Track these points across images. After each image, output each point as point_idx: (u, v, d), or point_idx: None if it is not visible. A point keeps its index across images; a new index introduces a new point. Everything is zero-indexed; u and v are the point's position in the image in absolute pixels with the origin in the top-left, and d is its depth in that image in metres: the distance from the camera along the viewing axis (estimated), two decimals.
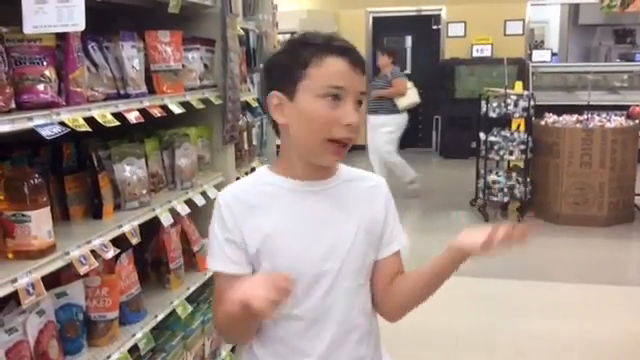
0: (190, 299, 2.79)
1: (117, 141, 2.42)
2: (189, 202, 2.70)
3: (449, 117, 9.87)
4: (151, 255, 2.73)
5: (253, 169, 3.67)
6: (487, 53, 9.91)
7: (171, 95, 2.57)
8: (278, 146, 1.52)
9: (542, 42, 11.44)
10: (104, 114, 2.07)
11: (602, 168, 5.98)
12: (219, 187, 3.00)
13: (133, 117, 2.22)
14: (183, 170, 2.73)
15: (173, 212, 2.55)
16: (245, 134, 3.40)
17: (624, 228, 5.95)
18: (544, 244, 5.53)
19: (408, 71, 10.98)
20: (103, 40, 2.30)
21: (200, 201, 2.79)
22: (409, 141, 10.29)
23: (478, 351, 3.51)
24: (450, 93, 10.20)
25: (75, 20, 1.72)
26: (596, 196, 6.01)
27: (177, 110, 2.53)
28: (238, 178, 3.27)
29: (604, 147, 5.97)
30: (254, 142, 3.58)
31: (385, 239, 1.48)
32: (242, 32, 3.27)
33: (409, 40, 11.04)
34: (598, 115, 6.35)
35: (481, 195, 6.32)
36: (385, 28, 10.95)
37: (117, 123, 2.08)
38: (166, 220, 2.45)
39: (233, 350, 3.22)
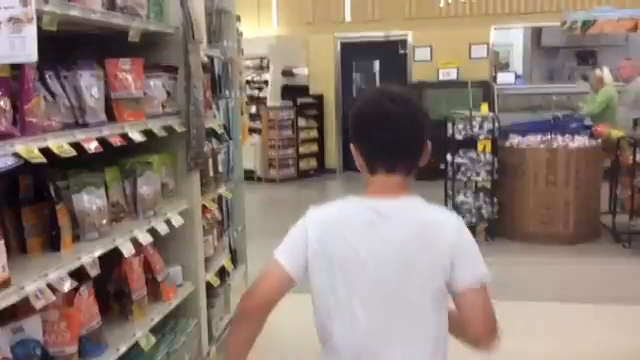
0: (154, 330, 2.74)
1: (76, 170, 2.38)
2: (152, 231, 2.67)
3: None
4: (113, 286, 2.68)
5: (220, 196, 3.66)
6: (453, 76, 10.06)
7: (132, 123, 2.54)
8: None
9: (507, 64, 11.66)
10: (61, 144, 2.04)
11: (567, 187, 6.09)
12: (183, 215, 2.98)
13: (92, 146, 2.19)
14: (145, 199, 2.70)
15: (135, 242, 2.51)
16: (210, 160, 3.38)
17: (590, 245, 6.04)
18: (511, 263, 5.58)
19: None
20: (61, 69, 2.28)
21: (163, 229, 2.76)
22: None
23: None
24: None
25: (27, 51, 1.70)
26: (562, 215, 6.10)
27: (138, 138, 2.51)
28: (204, 205, 3.25)
29: (568, 167, 6.08)
30: (220, 168, 3.56)
31: None
32: (206, 59, 3.27)
33: (377, 64, 11.16)
34: (562, 135, 6.47)
35: None
36: (353, 53, 11.07)
37: (74, 153, 2.05)
38: (127, 250, 2.42)
39: None
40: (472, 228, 6.33)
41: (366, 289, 1.53)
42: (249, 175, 10.16)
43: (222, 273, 3.64)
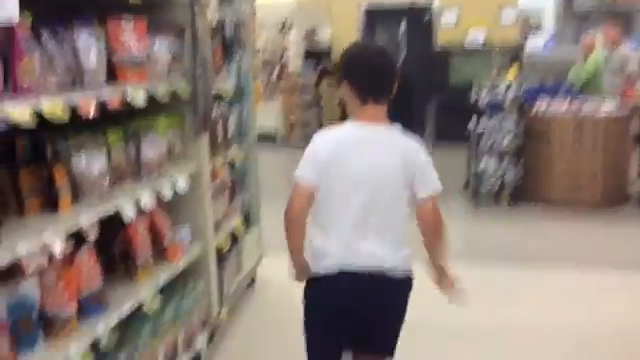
0: (161, 291, 2.75)
1: (76, 132, 2.36)
2: (156, 194, 2.65)
3: (443, 105, 9.75)
4: (118, 248, 2.68)
5: (232, 160, 3.63)
6: (480, 42, 9.80)
7: (134, 85, 2.50)
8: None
9: (537, 29, 11.31)
10: (55, 107, 2.01)
11: (594, 154, 5.92)
12: (190, 178, 2.95)
13: (90, 109, 2.16)
14: (149, 161, 2.67)
15: (137, 205, 2.49)
16: (220, 124, 3.34)
17: (617, 213, 5.88)
18: (534, 229, 5.48)
19: (401, 59, 10.87)
20: (58, 28, 2.24)
21: (168, 192, 2.74)
22: (404, 127, 10.20)
23: (458, 341, 3.45)
24: (443, 81, 10.11)
25: (8, 12, 1.66)
26: (588, 181, 5.95)
27: (140, 101, 2.47)
28: (212, 169, 3.23)
29: (596, 133, 5.91)
30: (231, 132, 3.51)
31: None
32: (216, 20, 3.20)
33: (401, 30, 10.91)
34: (589, 102, 6.26)
35: (473, 182, 6.26)
36: (377, 18, 10.83)
37: (66, 117, 2.02)
38: (129, 213, 2.40)
39: (211, 339, 3.19)
40: (496, 194, 6.22)
41: (358, 191, 2.07)
42: (271, 138, 10.18)
43: (234, 237, 3.63)
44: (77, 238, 2.20)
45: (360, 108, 2.13)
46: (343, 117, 2.28)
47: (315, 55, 10.43)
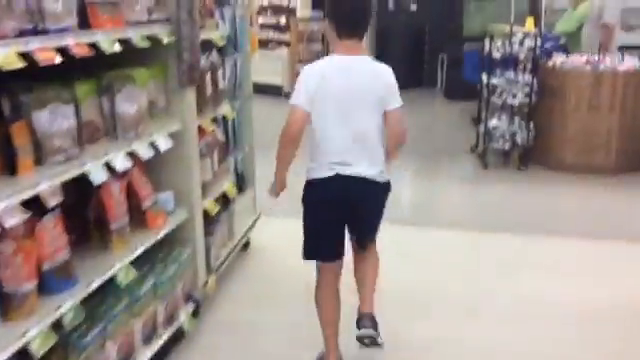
0: (140, 260, 2.52)
1: (41, 84, 2.09)
2: (132, 154, 2.39)
3: (456, 56, 9.34)
4: (93, 213, 2.44)
5: (223, 117, 3.36)
6: None
7: (105, 31, 2.21)
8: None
9: None
10: (8, 55, 1.73)
11: (611, 113, 5.59)
12: (173, 137, 2.69)
13: (48, 57, 1.88)
14: (125, 117, 2.41)
15: (109, 167, 2.24)
16: (209, 76, 3.05)
17: (633, 177, 5.59)
18: (545, 194, 5.21)
19: (414, 8, 10.42)
20: None
21: (146, 153, 2.48)
22: (413, 80, 9.86)
23: (459, 314, 3.23)
24: (457, 30, 9.68)
25: None
26: (603, 143, 5.64)
27: (110, 49, 2.18)
28: (200, 126, 2.96)
29: (614, 91, 5.55)
30: (221, 85, 3.23)
31: None
32: None
33: None
34: (609, 56, 5.88)
35: (482, 141, 5.96)
36: None
37: (19, 65, 1.74)
38: (98, 177, 2.15)
39: (195, 314, 2.97)
40: (505, 154, 5.95)
41: (342, 110, 2.46)
42: (276, 91, 9.82)
43: (225, 200, 3.38)
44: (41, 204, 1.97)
45: (339, 42, 2.50)
46: None
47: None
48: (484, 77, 5.88)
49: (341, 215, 2.57)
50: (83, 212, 2.45)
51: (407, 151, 3.13)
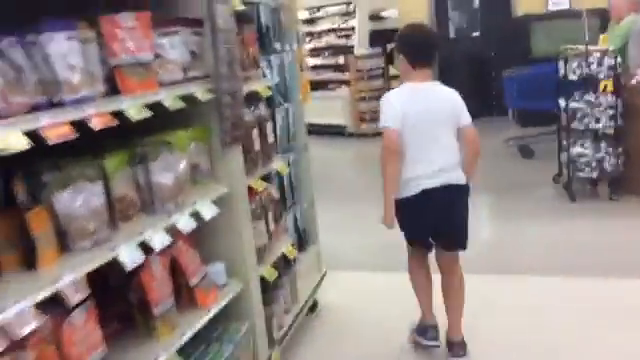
0: (192, 343, 2.25)
1: (63, 161, 1.87)
2: (171, 229, 2.14)
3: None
4: (134, 296, 2.19)
5: (278, 171, 3.09)
6: (565, 5, 8.82)
7: (134, 96, 1.99)
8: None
9: None
10: (8, 136, 1.51)
11: None
12: (220, 202, 2.43)
13: (62, 133, 1.66)
14: (163, 188, 2.16)
15: (145, 246, 1.99)
16: (256, 131, 2.80)
17: None
18: (637, 229, 4.63)
19: (476, 34, 10.04)
20: (25, 34, 1.75)
21: (188, 225, 2.22)
22: (482, 109, 9.40)
23: None
24: (525, 53, 9.18)
25: None
26: None
27: (138, 115, 1.95)
28: (249, 186, 2.69)
29: None
30: (270, 139, 2.96)
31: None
32: (241, 6, 2.65)
33: (476, 0, 10.06)
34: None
35: (565, 170, 5.45)
36: None
37: (26, 146, 1.52)
38: (129, 259, 1.90)
39: None
40: (593, 183, 5.41)
41: (426, 129, 2.73)
42: (339, 131, 9.59)
43: (285, 262, 3.09)
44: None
45: (413, 72, 2.80)
46: None
47: (383, 35, 9.75)
48: (561, 102, 5.40)
49: (435, 228, 2.87)
50: (123, 295, 2.21)
51: (482, 188, 2.88)
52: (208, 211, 2.33)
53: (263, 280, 2.78)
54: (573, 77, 5.21)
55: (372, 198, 2.40)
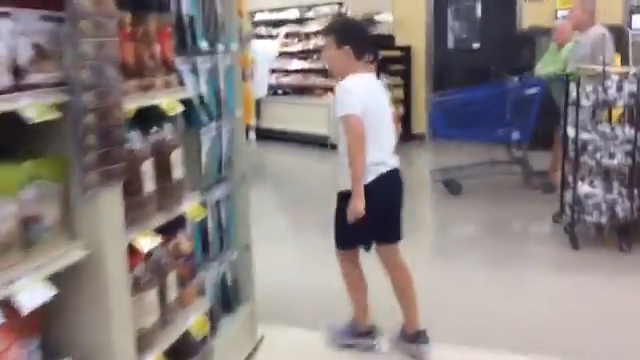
0: None
1: None
2: None
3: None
4: None
5: (190, 214, 2.28)
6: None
7: None
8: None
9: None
10: None
11: None
12: (73, 272, 1.61)
13: None
14: None
15: None
16: (150, 164, 1.97)
17: None
18: None
19: (478, 45, 9.26)
20: None
21: None
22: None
23: None
24: (528, 68, 8.39)
25: None
26: None
27: None
28: (131, 246, 1.88)
29: None
30: (178, 173, 2.14)
31: None
32: None
33: (478, 8, 9.27)
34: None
35: (569, 211, 4.65)
36: None
37: None
38: None
39: None
40: (601, 229, 4.62)
41: (378, 116, 2.82)
42: (321, 142, 8.78)
43: (190, 342, 2.26)
44: None
45: (357, 64, 2.82)
46: None
47: (375, 41, 8.97)
48: (570, 131, 4.61)
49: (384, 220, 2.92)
50: None
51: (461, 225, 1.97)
52: (37, 294, 1.51)
53: None
54: (586, 103, 4.41)
55: None
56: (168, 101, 2.06)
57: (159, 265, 2.04)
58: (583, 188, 4.53)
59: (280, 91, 10.24)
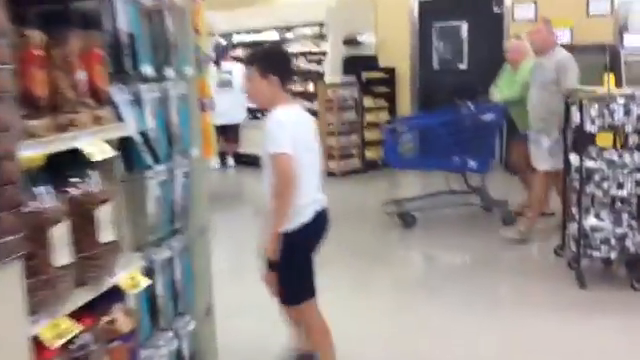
0: None
1: None
2: None
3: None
4: None
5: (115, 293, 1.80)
6: (566, 40, 7.72)
7: None
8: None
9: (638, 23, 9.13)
10: None
11: None
12: None
13: None
14: None
15: None
16: (65, 228, 1.51)
17: None
18: None
19: (464, 66, 8.92)
20: None
21: None
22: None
23: None
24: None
25: None
26: None
27: None
28: (37, 338, 1.40)
29: None
30: (106, 235, 1.67)
31: None
32: None
33: (464, 28, 8.94)
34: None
35: (573, 247, 4.23)
36: (434, 14, 8.90)
37: None
38: None
39: None
40: (609, 264, 4.20)
41: (309, 150, 2.66)
42: None
43: None
44: None
45: (281, 94, 2.65)
46: None
47: (358, 62, 8.65)
48: (573, 158, 4.20)
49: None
50: None
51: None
52: None
53: None
54: (592, 128, 4.01)
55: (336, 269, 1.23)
56: (94, 142, 1.60)
57: (84, 356, 1.57)
58: (589, 220, 4.12)
59: (260, 114, 9.82)
